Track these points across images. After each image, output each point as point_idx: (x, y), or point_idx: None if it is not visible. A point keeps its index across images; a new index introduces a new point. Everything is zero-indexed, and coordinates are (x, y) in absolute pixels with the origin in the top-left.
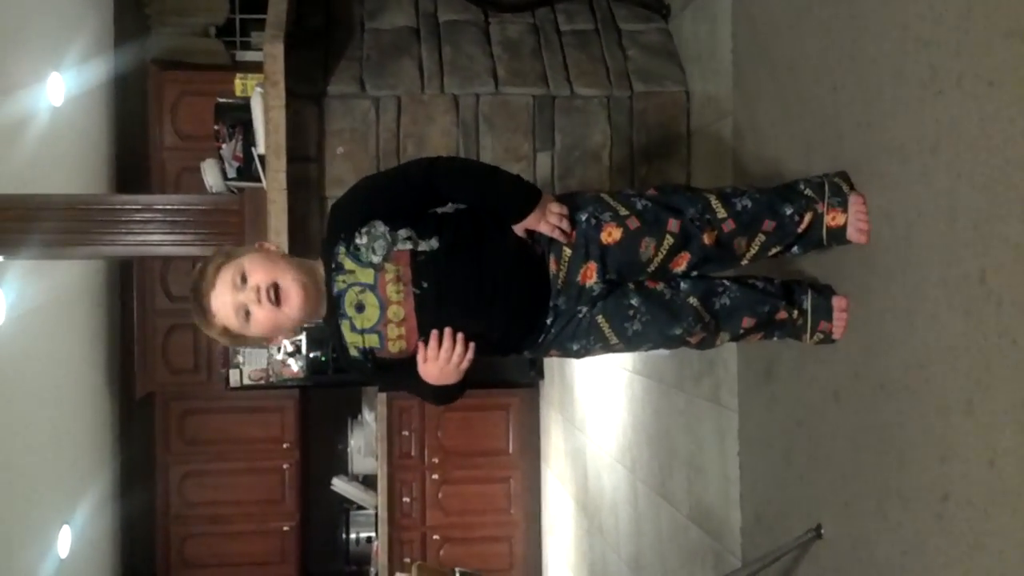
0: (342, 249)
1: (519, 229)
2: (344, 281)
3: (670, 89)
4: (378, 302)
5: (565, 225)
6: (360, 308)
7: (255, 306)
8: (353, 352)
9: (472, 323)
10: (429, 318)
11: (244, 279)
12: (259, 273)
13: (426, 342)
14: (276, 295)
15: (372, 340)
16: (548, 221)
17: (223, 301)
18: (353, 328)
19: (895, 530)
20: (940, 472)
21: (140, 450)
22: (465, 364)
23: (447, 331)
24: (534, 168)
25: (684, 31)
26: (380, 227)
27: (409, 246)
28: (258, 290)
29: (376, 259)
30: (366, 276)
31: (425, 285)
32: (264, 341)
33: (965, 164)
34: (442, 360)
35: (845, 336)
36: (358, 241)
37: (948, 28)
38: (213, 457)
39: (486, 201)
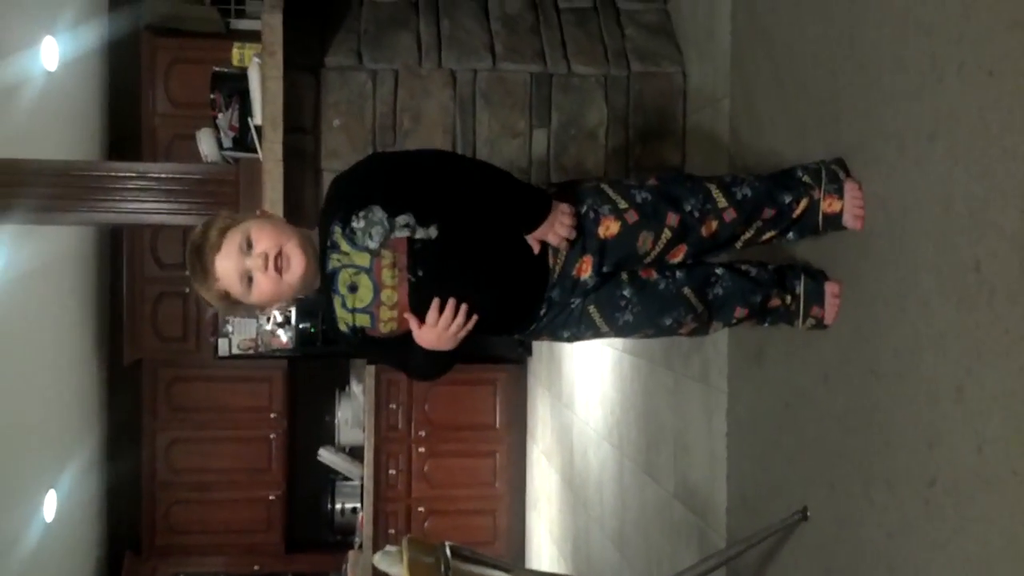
0: (338, 229)
1: (531, 240)
2: (339, 260)
3: (667, 70)
4: (372, 285)
5: (572, 236)
6: (353, 288)
7: (260, 273)
8: (343, 327)
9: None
10: (423, 304)
11: (250, 244)
12: (265, 239)
13: (417, 315)
14: (279, 264)
15: (363, 320)
16: (557, 232)
17: (227, 265)
18: (344, 306)
19: (881, 513)
20: (928, 457)
21: (127, 416)
22: (463, 333)
23: (451, 302)
24: (530, 145)
25: (683, 11)
26: (378, 213)
27: (407, 233)
28: (265, 257)
29: (372, 245)
30: (362, 260)
31: (421, 273)
32: (258, 310)
33: (962, 153)
34: (440, 327)
35: (837, 321)
36: (355, 224)
37: (950, 15)
38: (200, 425)
39: (497, 209)
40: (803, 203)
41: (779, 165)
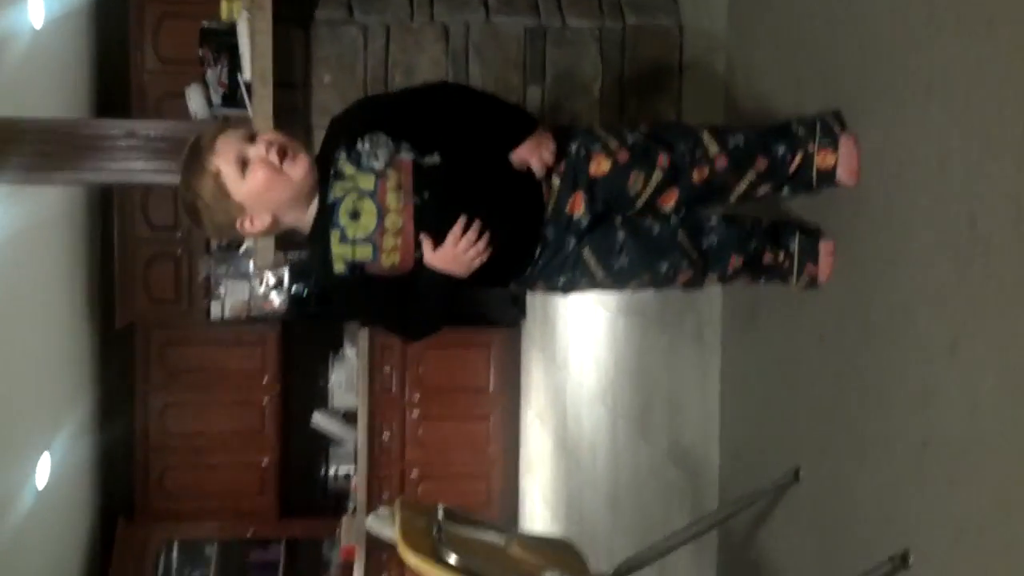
0: (343, 155)
1: (514, 158)
2: (342, 188)
3: (663, 22)
4: (376, 209)
5: (551, 163)
6: (355, 215)
7: (259, 162)
8: (339, 266)
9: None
10: (428, 230)
11: (253, 138)
12: (270, 134)
13: (432, 236)
14: (283, 154)
15: (364, 251)
16: (541, 156)
17: (229, 144)
18: (344, 239)
19: (873, 472)
20: (921, 416)
21: (120, 380)
22: (478, 262)
23: (476, 223)
24: (524, 101)
25: None
26: (383, 137)
27: (412, 156)
28: (268, 143)
29: (378, 165)
30: (366, 182)
31: (426, 195)
32: (240, 220)
33: (959, 106)
34: (461, 247)
35: (831, 280)
36: (360, 147)
37: None
38: (193, 388)
39: (485, 122)
40: (798, 157)
41: (776, 118)
